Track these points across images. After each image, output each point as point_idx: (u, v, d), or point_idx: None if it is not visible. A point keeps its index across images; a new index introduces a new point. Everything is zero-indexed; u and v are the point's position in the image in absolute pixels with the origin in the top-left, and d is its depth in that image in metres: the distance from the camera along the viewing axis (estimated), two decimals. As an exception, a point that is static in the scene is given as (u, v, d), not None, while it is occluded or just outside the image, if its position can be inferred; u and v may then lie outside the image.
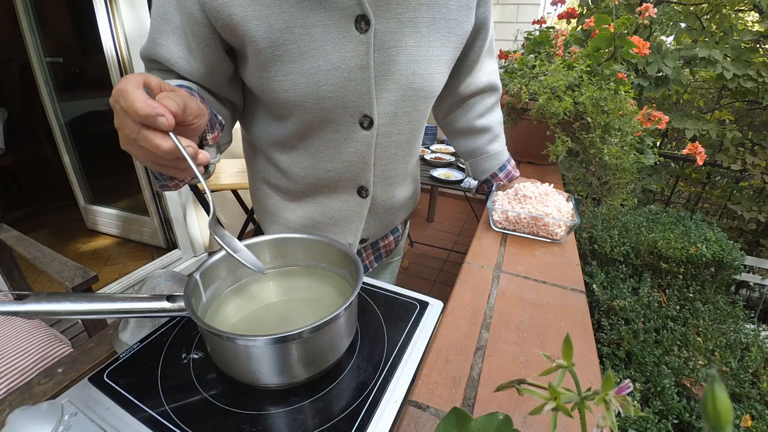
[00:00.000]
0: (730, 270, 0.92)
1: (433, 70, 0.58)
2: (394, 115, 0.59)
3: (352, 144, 0.59)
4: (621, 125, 0.94)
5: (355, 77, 0.52)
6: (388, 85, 0.55)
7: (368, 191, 0.66)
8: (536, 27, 1.67)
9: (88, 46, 2.15)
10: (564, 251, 0.74)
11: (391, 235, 0.83)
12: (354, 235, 0.71)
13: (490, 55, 0.79)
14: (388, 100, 0.57)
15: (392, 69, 0.54)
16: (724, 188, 2.17)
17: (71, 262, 1.04)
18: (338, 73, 0.51)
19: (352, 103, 0.55)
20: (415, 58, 0.55)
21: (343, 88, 0.53)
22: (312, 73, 0.51)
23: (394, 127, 0.60)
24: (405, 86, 0.57)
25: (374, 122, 0.57)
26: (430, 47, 0.56)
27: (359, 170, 0.63)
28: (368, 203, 0.67)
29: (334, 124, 0.57)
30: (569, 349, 0.24)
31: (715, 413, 0.16)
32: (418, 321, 0.49)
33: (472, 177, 0.95)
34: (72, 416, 0.35)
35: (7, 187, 2.95)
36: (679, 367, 0.63)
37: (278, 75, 0.51)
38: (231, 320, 0.45)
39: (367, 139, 0.59)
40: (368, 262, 0.81)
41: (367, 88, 0.54)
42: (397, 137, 0.62)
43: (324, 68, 0.51)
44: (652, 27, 1.68)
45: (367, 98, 0.55)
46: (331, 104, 0.54)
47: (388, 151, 0.63)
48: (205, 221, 2.27)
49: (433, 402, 0.41)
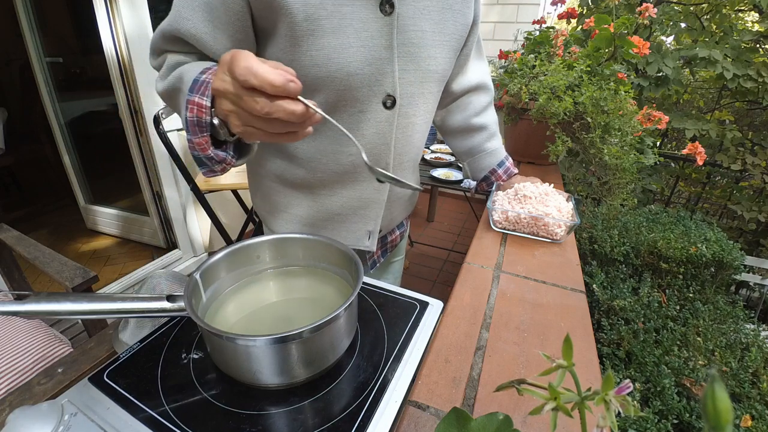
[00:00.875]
0: (730, 270, 0.92)
1: (444, 54, 0.63)
2: (413, 96, 0.62)
3: (375, 125, 0.61)
4: (621, 125, 0.94)
5: (380, 56, 0.56)
6: (408, 66, 0.59)
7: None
8: (536, 27, 1.67)
9: (88, 46, 2.15)
10: (564, 251, 0.74)
11: (398, 229, 0.83)
12: (374, 222, 0.71)
13: (480, 56, 0.84)
14: (408, 81, 0.60)
15: (412, 51, 0.58)
16: (724, 188, 2.17)
17: (71, 262, 1.04)
18: (366, 51, 0.54)
19: (377, 82, 0.57)
20: (431, 42, 0.60)
21: (371, 66, 0.56)
22: (343, 48, 0.53)
23: (411, 108, 0.63)
24: (423, 68, 0.61)
25: (396, 102, 0.60)
26: (441, 33, 0.61)
27: (380, 153, 0.64)
28: (387, 188, 0.68)
29: (359, 104, 0.59)
30: (569, 349, 0.24)
31: (715, 413, 0.16)
32: (418, 321, 0.49)
33: (471, 177, 0.95)
34: (72, 416, 0.35)
35: (7, 187, 2.95)
36: (679, 367, 0.63)
37: (311, 49, 0.53)
38: (231, 320, 0.45)
39: (389, 119, 0.61)
40: (376, 257, 0.81)
41: (391, 67, 0.57)
42: (414, 119, 0.65)
43: (354, 45, 0.53)
44: (652, 27, 1.68)
45: (391, 77, 0.58)
46: (358, 81, 0.56)
47: (405, 133, 0.65)
48: (206, 221, 2.27)
49: (433, 402, 0.41)
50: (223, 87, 0.40)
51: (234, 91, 0.39)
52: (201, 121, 0.45)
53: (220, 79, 0.41)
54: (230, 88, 0.39)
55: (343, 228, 0.71)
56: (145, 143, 2.01)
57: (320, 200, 0.68)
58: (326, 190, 0.67)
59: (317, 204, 0.68)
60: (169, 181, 2.09)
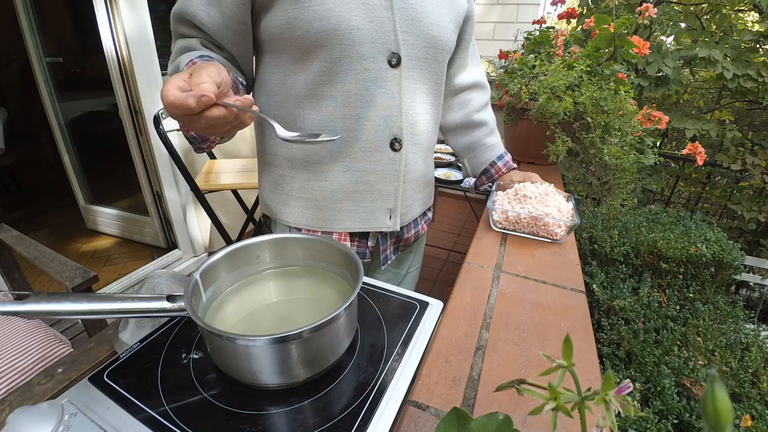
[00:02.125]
0: (730, 270, 0.92)
1: (445, 24, 0.66)
2: (418, 60, 0.64)
3: (382, 84, 0.62)
4: (621, 125, 0.94)
5: (381, 15, 0.58)
6: (410, 29, 0.61)
7: (401, 142, 0.67)
8: (536, 27, 1.67)
9: (88, 46, 2.15)
10: (564, 251, 0.74)
11: (414, 227, 0.82)
12: (393, 198, 0.70)
13: (477, 57, 0.88)
14: (412, 44, 0.62)
15: (412, 15, 0.61)
16: (724, 188, 2.17)
17: (71, 262, 1.04)
18: (367, 8, 0.57)
19: (380, 39, 0.59)
20: (431, 9, 0.63)
21: (372, 23, 0.58)
22: (344, 3, 0.56)
23: (417, 72, 0.65)
24: (425, 33, 0.63)
25: (401, 60, 0.61)
26: (440, 5, 0.64)
27: (391, 116, 0.64)
28: (403, 159, 0.68)
29: (363, 61, 0.60)
30: (569, 349, 0.24)
31: (715, 413, 0.16)
32: (418, 321, 0.49)
33: (471, 173, 0.95)
34: (72, 416, 0.35)
35: (7, 187, 2.95)
36: (679, 367, 0.63)
37: (313, 4, 0.55)
38: (231, 320, 0.45)
39: (396, 78, 0.62)
40: (389, 252, 0.79)
41: (392, 26, 0.59)
42: (421, 84, 0.66)
43: (355, 1, 0.56)
44: (652, 27, 1.68)
45: (393, 36, 0.60)
46: (361, 36, 0.58)
47: (414, 98, 0.66)
48: (206, 221, 2.27)
49: (433, 402, 0.41)
50: (171, 116, 0.46)
51: (177, 115, 0.45)
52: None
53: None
54: (175, 114, 0.45)
55: (362, 207, 0.70)
56: (145, 143, 2.01)
57: (334, 179, 0.67)
58: (339, 166, 0.66)
59: (331, 184, 0.67)
60: (169, 180, 2.09)
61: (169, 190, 2.11)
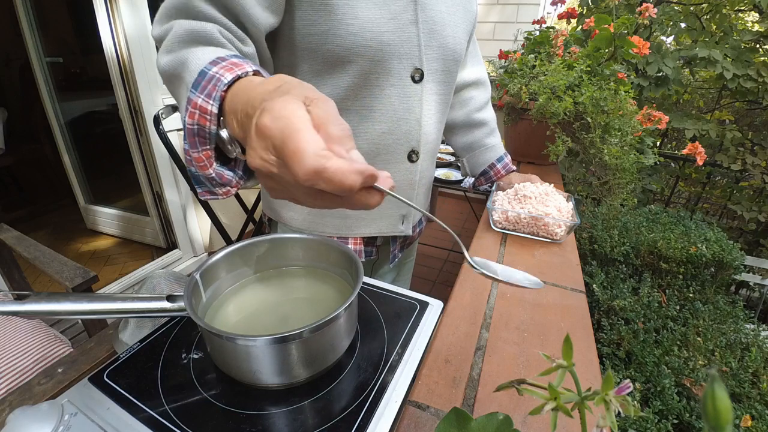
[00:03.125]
0: (730, 270, 0.92)
1: (461, 36, 0.66)
2: (437, 73, 0.64)
3: (405, 100, 0.62)
4: (621, 125, 0.94)
5: (408, 30, 0.58)
6: (431, 42, 0.61)
7: (418, 154, 0.67)
8: (536, 27, 1.67)
9: (88, 46, 2.15)
10: (564, 251, 0.74)
11: (418, 225, 0.83)
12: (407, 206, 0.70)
13: (477, 54, 0.88)
14: (433, 57, 0.62)
15: (434, 28, 0.61)
16: (724, 188, 2.17)
17: (71, 262, 1.04)
18: (395, 23, 0.56)
19: (406, 55, 0.59)
20: (449, 21, 0.63)
21: (400, 38, 0.57)
22: (376, 18, 0.54)
23: (436, 85, 0.65)
24: (444, 45, 0.63)
25: (424, 75, 0.61)
26: (456, 15, 0.65)
27: (411, 130, 0.64)
28: (419, 169, 0.69)
29: (389, 77, 0.59)
30: (569, 349, 0.24)
31: (715, 413, 0.16)
32: (418, 321, 0.49)
33: (470, 173, 0.96)
34: (72, 416, 0.35)
35: (7, 187, 2.95)
36: (679, 367, 0.63)
37: (347, 18, 0.53)
38: (231, 320, 0.45)
39: (418, 93, 0.62)
40: (397, 251, 0.79)
41: (417, 41, 0.59)
42: (438, 96, 0.66)
43: (386, 16, 0.55)
44: (652, 27, 1.68)
45: (417, 51, 0.60)
46: (390, 52, 0.57)
47: (431, 110, 0.66)
48: (206, 221, 2.27)
49: (433, 402, 0.41)
50: (266, 169, 0.27)
51: (285, 180, 0.27)
52: (203, 130, 0.35)
53: (257, 156, 0.28)
54: (277, 172, 0.27)
55: (378, 214, 0.70)
56: (145, 143, 2.01)
57: None
58: None
59: None
60: (169, 181, 2.09)
61: (169, 190, 2.11)
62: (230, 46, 0.45)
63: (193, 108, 0.35)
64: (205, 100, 0.35)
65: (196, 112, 0.35)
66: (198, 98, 0.35)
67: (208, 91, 0.35)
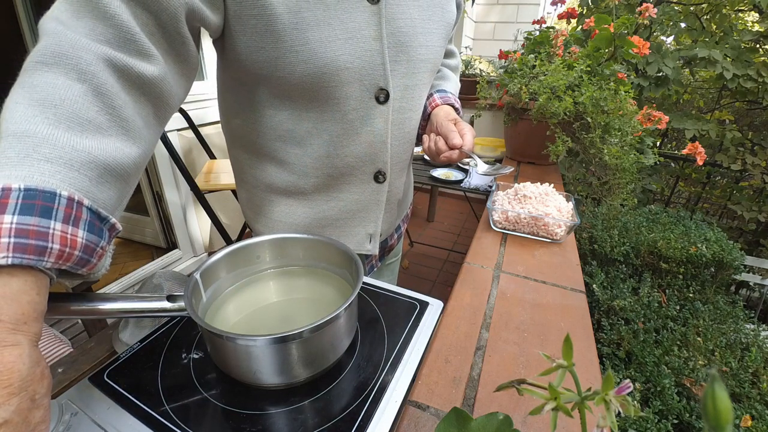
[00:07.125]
0: (730, 270, 0.92)
1: (435, 43, 0.60)
2: (406, 88, 0.59)
3: (369, 123, 0.58)
4: (621, 125, 0.94)
5: (370, 47, 0.52)
6: (399, 56, 0.56)
7: (385, 175, 0.64)
8: (536, 27, 1.67)
9: (88, 46, 2.14)
10: (564, 251, 0.74)
11: (396, 233, 0.82)
12: (374, 224, 0.69)
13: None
14: (401, 73, 0.57)
15: (402, 40, 0.55)
16: (724, 188, 2.17)
17: (71, 262, 1.04)
18: (354, 42, 0.51)
19: (369, 76, 0.54)
20: (420, 30, 0.57)
21: (360, 59, 0.52)
22: (330, 41, 0.49)
23: (405, 102, 0.60)
24: (414, 57, 0.58)
25: (390, 96, 0.57)
26: (430, 20, 0.58)
27: (377, 152, 0.61)
28: (386, 188, 0.66)
29: (349, 101, 0.55)
30: (569, 349, 0.24)
31: (715, 413, 0.16)
32: (418, 321, 0.49)
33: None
34: (72, 416, 0.35)
35: (7, 187, 2.95)
36: (679, 367, 0.63)
37: (296, 44, 0.48)
38: (231, 320, 0.45)
39: (384, 114, 0.58)
40: (374, 261, 0.79)
41: (381, 59, 0.54)
42: (409, 113, 0.62)
43: (341, 36, 0.50)
44: (652, 27, 1.68)
45: (381, 70, 0.54)
46: (348, 76, 0.52)
47: (401, 129, 0.63)
48: (206, 221, 2.27)
49: (433, 402, 0.41)
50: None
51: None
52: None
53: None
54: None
55: (343, 233, 0.69)
56: (145, 143, 2.00)
57: (317, 206, 0.65)
58: (322, 196, 0.64)
59: (314, 211, 0.66)
60: (169, 181, 2.09)
61: (169, 190, 2.11)
62: (108, 86, 0.36)
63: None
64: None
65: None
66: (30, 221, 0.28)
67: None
